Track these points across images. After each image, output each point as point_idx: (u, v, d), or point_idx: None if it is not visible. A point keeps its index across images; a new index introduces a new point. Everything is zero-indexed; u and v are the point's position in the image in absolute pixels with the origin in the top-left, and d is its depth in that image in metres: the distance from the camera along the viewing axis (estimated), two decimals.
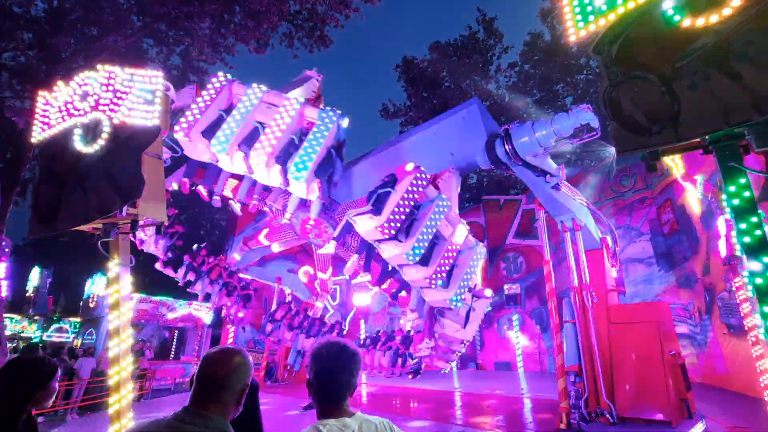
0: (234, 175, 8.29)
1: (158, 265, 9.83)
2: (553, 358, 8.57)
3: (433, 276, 6.59)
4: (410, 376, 8.94)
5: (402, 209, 6.40)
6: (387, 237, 6.26)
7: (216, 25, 14.99)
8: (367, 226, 6.35)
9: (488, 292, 7.44)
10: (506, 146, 6.82)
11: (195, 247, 10.42)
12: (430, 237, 6.59)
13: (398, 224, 6.33)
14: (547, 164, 7.18)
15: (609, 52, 3.07)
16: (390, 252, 6.57)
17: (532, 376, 14.16)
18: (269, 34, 15.52)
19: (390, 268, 7.38)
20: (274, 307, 11.50)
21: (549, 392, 9.77)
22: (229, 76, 6.39)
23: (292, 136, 6.08)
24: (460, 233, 7.16)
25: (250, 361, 1.57)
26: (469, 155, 7.70)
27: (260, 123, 6.13)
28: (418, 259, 6.42)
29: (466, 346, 8.04)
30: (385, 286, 8.05)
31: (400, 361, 8.88)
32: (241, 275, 11.36)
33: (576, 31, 3.20)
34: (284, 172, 5.92)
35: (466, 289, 7.00)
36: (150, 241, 9.32)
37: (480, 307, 7.33)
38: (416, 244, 6.41)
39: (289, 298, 14.17)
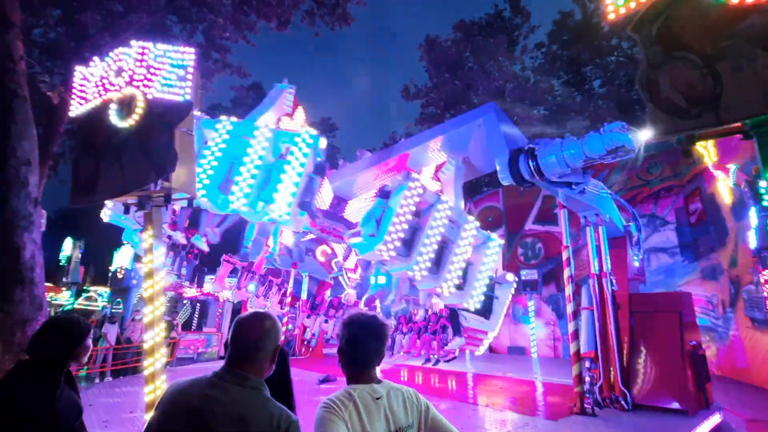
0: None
1: None
2: (567, 345, 8.57)
3: (445, 283, 6.56)
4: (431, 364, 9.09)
5: (400, 224, 6.16)
6: (389, 258, 6.08)
7: (238, 1, 14.92)
8: (366, 249, 6.16)
9: (510, 277, 7.34)
10: (531, 164, 6.23)
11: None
12: (436, 246, 6.46)
13: (398, 243, 6.11)
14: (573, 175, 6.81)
15: (649, 31, 2.96)
16: (396, 267, 6.46)
17: (545, 362, 14.20)
18: (291, 11, 15.37)
19: None
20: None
21: (563, 377, 9.80)
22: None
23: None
24: (469, 231, 6.94)
25: (279, 324, 1.67)
26: (485, 162, 7.47)
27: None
28: (426, 272, 6.32)
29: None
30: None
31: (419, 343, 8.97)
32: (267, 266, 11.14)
33: (615, 9, 3.09)
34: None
35: (485, 285, 6.97)
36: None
37: (504, 294, 7.25)
38: (421, 258, 6.26)
39: (306, 282, 14.45)
